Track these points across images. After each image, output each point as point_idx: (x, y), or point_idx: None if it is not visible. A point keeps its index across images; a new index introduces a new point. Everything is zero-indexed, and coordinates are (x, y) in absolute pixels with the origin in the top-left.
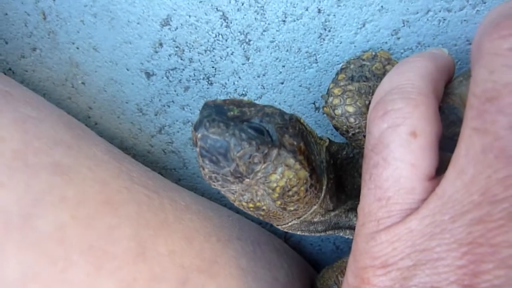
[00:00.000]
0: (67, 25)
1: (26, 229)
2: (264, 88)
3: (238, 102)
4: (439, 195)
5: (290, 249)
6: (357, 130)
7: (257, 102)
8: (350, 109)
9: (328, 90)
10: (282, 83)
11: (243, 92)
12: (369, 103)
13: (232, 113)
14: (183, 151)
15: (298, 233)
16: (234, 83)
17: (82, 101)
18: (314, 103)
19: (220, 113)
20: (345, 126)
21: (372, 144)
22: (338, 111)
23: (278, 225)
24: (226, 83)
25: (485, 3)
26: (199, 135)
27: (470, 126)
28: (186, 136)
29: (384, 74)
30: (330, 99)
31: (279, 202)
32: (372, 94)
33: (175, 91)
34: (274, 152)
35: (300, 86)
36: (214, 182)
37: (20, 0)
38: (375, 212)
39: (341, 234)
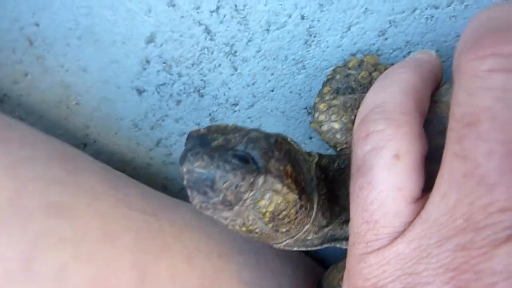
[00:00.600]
0: (54, 49)
1: (27, 273)
2: (255, 97)
3: (223, 129)
4: (424, 218)
5: (295, 252)
6: (344, 146)
7: (249, 110)
8: (336, 125)
9: (314, 104)
10: (273, 91)
11: (235, 102)
12: (355, 118)
13: (216, 142)
14: None
15: (295, 249)
16: (224, 94)
17: (78, 120)
18: (306, 108)
19: (204, 144)
20: (332, 142)
21: (357, 166)
22: (325, 128)
23: (273, 244)
24: (216, 94)
25: None
26: (184, 169)
27: (452, 151)
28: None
29: (370, 82)
30: (316, 114)
31: (271, 225)
32: (358, 107)
33: (167, 105)
34: (260, 179)
35: (291, 92)
36: (205, 210)
37: (4, 28)
38: (363, 234)
39: (338, 246)
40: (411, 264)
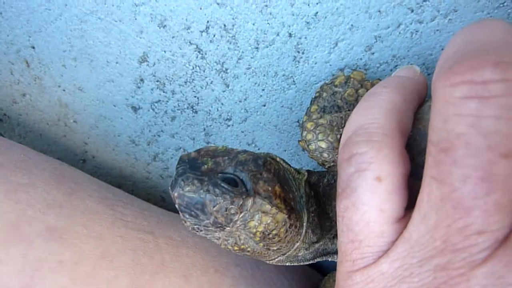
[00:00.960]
0: (50, 70)
1: None
2: (247, 112)
3: (213, 151)
4: (406, 238)
5: None
6: (332, 164)
7: (242, 125)
8: (323, 144)
9: (302, 122)
10: (264, 106)
11: (228, 117)
12: (341, 137)
13: (206, 166)
14: None
15: (288, 264)
16: (217, 109)
17: (77, 138)
18: (298, 121)
19: (194, 168)
20: (320, 160)
21: (341, 187)
22: (312, 147)
23: (266, 260)
24: (210, 110)
25: (456, 11)
26: (175, 194)
27: (430, 174)
28: None
29: (356, 100)
30: (304, 133)
31: (261, 244)
32: (344, 126)
33: (162, 121)
34: (249, 201)
35: (282, 107)
36: (197, 232)
37: (1, 51)
38: (349, 252)
39: (330, 259)
40: (395, 283)
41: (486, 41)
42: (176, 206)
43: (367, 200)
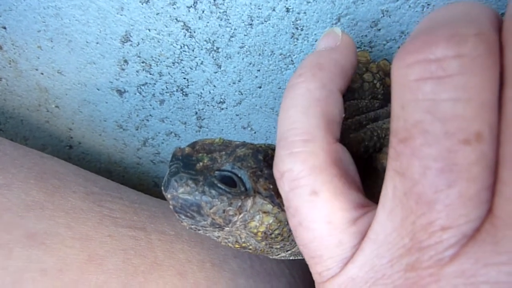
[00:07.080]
0: (25, 52)
1: None
2: (242, 94)
3: (209, 145)
4: (372, 239)
5: None
6: None
7: (237, 108)
8: None
9: None
10: (260, 87)
11: (221, 100)
12: None
13: (201, 163)
14: None
15: (291, 258)
16: (209, 92)
17: (60, 123)
18: None
19: (188, 166)
20: None
21: (286, 206)
22: None
23: (269, 256)
24: (201, 93)
25: None
26: (168, 196)
27: (392, 167)
28: (171, 145)
29: (361, 86)
30: None
31: (264, 243)
32: (346, 117)
33: (150, 105)
34: (249, 202)
35: (280, 88)
36: (195, 231)
37: None
38: (314, 266)
39: None
40: (368, 286)
41: (446, 16)
42: (170, 207)
43: (312, 216)
